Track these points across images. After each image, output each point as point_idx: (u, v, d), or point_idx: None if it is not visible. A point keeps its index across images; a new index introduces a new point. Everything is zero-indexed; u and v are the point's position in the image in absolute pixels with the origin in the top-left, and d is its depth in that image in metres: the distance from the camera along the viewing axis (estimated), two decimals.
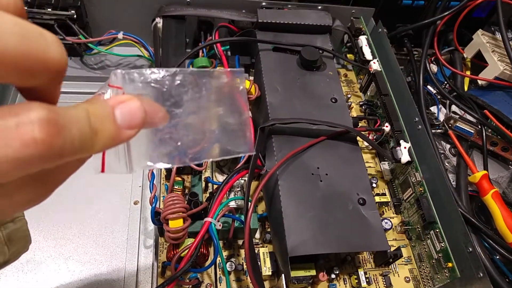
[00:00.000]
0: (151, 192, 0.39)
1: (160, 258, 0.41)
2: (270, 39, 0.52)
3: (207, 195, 0.46)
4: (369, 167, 0.52)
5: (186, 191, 0.45)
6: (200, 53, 0.54)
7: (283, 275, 0.36)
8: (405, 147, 0.45)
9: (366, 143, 0.53)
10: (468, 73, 0.62)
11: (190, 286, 0.39)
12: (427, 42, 0.61)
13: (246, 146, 0.18)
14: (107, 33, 0.55)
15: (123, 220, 0.45)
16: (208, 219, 0.37)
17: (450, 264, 0.39)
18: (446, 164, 0.54)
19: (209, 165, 0.48)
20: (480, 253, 0.43)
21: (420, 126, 0.46)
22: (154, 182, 0.40)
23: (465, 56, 0.62)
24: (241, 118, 0.18)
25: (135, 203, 0.47)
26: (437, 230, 0.41)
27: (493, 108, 0.53)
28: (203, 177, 0.45)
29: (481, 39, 0.58)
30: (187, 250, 0.35)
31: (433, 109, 0.59)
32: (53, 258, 0.41)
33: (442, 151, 0.55)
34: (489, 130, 0.53)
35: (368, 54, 0.55)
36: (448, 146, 0.56)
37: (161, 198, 0.45)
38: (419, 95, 0.56)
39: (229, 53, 0.57)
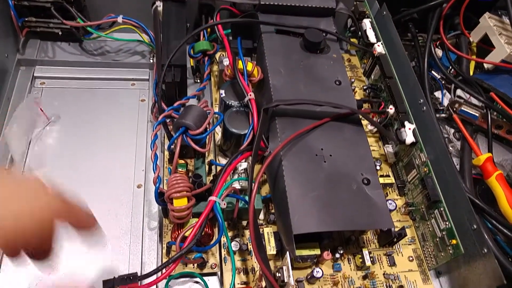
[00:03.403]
0: (154, 173, 0.39)
1: (164, 239, 0.41)
2: (273, 21, 0.51)
3: (211, 177, 0.45)
4: (373, 150, 0.51)
5: (190, 174, 0.45)
6: (201, 37, 0.54)
7: (287, 252, 0.36)
8: (409, 128, 0.45)
9: (370, 127, 0.53)
10: (474, 57, 0.61)
11: (196, 264, 0.39)
12: (433, 25, 0.60)
13: None
14: (106, 17, 0.53)
15: (126, 203, 0.45)
16: (212, 198, 0.36)
17: (454, 241, 0.39)
18: (450, 148, 0.53)
19: (212, 149, 0.48)
20: (483, 232, 0.42)
21: (425, 108, 0.46)
22: (158, 163, 0.40)
23: (471, 40, 0.61)
24: None
25: (139, 186, 0.47)
26: (442, 209, 0.41)
27: (499, 91, 0.53)
28: (206, 160, 0.45)
29: (488, 22, 0.58)
30: (192, 228, 0.36)
31: (437, 94, 0.59)
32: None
33: (446, 135, 0.55)
34: (495, 113, 0.53)
35: (372, 37, 0.54)
36: (452, 130, 0.56)
37: (165, 181, 0.45)
38: (423, 80, 0.56)
39: (230, 37, 0.56)
